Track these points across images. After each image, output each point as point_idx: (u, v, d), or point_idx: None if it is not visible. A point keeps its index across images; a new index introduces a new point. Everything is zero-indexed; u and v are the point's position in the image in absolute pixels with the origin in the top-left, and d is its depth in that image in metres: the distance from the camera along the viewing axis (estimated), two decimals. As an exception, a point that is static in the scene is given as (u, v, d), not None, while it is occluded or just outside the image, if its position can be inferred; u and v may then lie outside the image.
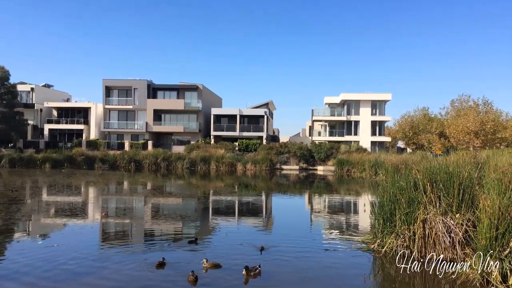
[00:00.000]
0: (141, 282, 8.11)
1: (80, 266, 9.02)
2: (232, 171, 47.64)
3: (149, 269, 8.94)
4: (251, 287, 8.03)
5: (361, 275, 8.98)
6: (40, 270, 8.68)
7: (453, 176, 9.75)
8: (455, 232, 9.28)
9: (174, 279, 8.34)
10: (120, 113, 63.86)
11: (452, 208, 9.56)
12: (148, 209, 18.99)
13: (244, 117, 64.21)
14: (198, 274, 8.45)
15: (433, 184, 9.93)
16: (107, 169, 47.55)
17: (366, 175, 42.56)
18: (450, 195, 9.67)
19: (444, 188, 9.74)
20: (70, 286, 7.84)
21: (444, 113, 61.58)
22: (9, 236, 12.36)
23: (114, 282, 8.07)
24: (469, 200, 9.56)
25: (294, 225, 15.40)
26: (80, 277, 8.31)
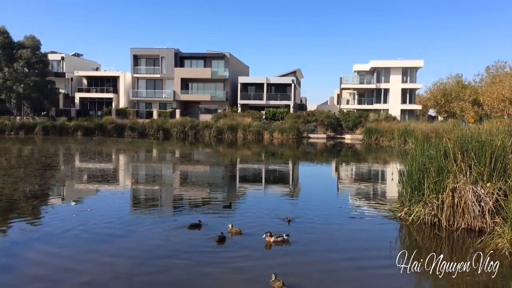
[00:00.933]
0: (172, 243, 8.36)
1: (113, 229, 9.34)
2: (259, 139, 47.76)
3: (179, 231, 9.19)
4: (277, 253, 8.16)
5: (387, 242, 8.99)
6: (74, 233, 9.04)
7: (485, 145, 9.49)
8: (485, 201, 9.11)
9: (204, 240, 8.56)
10: (148, 81, 64.39)
11: (483, 177, 9.35)
12: (176, 176, 19.36)
13: (271, 86, 63.75)
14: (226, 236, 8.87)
15: (464, 153, 9.71)
16: (136, 137, 48.43)
17: (394, 144, 41.97)
18: (481, 163, 9.45)
19: (475, 157, 9.51)
20: (104, 248, 8.14)
21: (479, 80, 59.57)
22: (45, 200, 12.87)
23: (146, 244, 8.33)
24: (501, 169, 9.33)
25: (321, 193, 15.44)
26: (114, 240, 8.63)
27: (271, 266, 7.15)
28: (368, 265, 7.57)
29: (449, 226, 9.59)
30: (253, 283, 6.46)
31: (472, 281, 7.01)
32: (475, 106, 54.68)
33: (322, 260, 7.76)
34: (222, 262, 7.44)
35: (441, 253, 8.50)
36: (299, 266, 7.37)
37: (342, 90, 68.77)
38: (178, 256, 7.69)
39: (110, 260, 7.42)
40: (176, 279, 6.71)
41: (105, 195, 13.97)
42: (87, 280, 6.55)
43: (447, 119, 53.84)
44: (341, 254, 8.17)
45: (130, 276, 6.72)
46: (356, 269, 7.37)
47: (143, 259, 7.51)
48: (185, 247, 8.22)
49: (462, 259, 8.15)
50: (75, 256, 7.63)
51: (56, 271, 6.93)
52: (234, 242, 8.68)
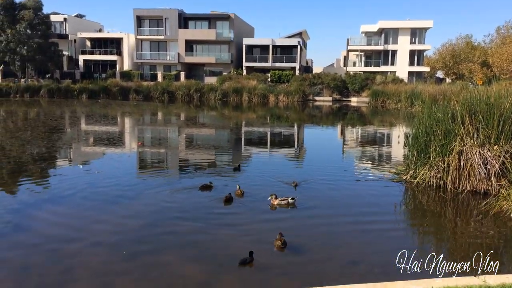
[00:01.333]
0: (180, 205, 8.48)
1: (121, 191, 9.46)
2: (264, 102, 47.55)
3: (185, 193, 9.30)
4: (282, 215, 8.26)
5: (392, 205, 9.07)
6: (83, 195, 9.17)
7: (494, 107, 9.39)
8: (491, 163, 9.10)
9: (211, 201, 8.68)
10: (152, 43, 63.57)
11: (490, 140, 9.31)
12: (182, 139, 19.43)
13: (277, 48, 62.77)
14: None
15: (472, 116, 9.62)
16: (141, 99, 48.32)
17: (401, 107, 41.65)
18: (489, 126, 9.38)
19: (483, 120, 9.43)
20: (113, 210, 8.28)
21: (489, 41, 58.24)
22: (53, 163, 13.01)
23: (154, 206, 8.45)
24: (509, 132, 9.27)
25: (326, 156, 15.48)
26: (122, 201, 8.75)
27: (276, 227, 7.25)
28: (372, 228, 7.66)
29: (454, 188, 9.63)
30: (258, 244, 6.57)
31: (475, 242, 7.09)
32: (484, 68, 53.67)
33: (326, 223, 7.86)
34: (228, 224, 7.56)
35: (445, 215, 8.59)
36: (303, 228, 7.47)
37: (348, 52, 67.61)
38: (186, 218, 7.81)
39: (119, 221, 7.56)
40: (183, 240, 6.82)
41: (112, 157, 14.10)
42: (97, 240, 6.69)
43: (455, 81, 53.08)
44: (346, 216, 8.26)
45: (138, 237, 6.85)
46: (361, 231, 7.45)
47: (151, 220, 7.64)
48: (192, 209, 8.34)
49: (466, 221, 8.23)
50: (85, 217, 7.77)
51: (67, 231, 7.08)
52: (241, 203, 8.80)
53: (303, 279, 5.53)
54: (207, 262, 5.98)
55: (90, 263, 5.86)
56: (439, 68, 64.02)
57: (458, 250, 6.85)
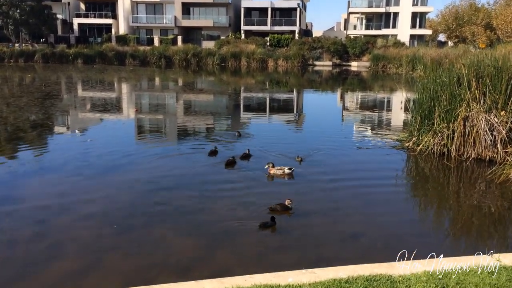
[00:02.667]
0: (178, 172, 8.20)
1: (115, 160, 9.15)
2: (263, 67, 46.75)
3: (183, 159, 9.02)
4: (283, 182, 8.00)
5: (394, 172, 8.81)
6: (74, 164, 8.86)
7: (502, 71, 8.98)
8: (498, 130, 8.77)
9: (211, 166, 8.43)
10: (147, 6, 61.98)
11: (497, 105, 8.94)
12: (180, 106, 19.03)
13: (276, 10, 61.26)
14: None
15: (478, 80, 9.21)
16: (138, 65, 47.47)
17: (402, 71, 40.99)
18: (496, 91, 8.99)
19: (490, 84, 9.03)
20: (105, 178, 8.01)
21: (493, 2, 56.74)
22: (45, 131, 12.64)
23: (152, 173, 8.17)
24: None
25: (326, 123, 15.13)
26: (115, 170, 8.46)
27: (277, 195, 6.99)
28: (374, 198, 7.42)
29: (458, 156, 9.33)
30: (256, 212, 6.33)
31: (480, 212, 6.86)
32: (487, 31, 52.55)
33: (326, 189, 7.60)
34: (227, 191, 7.30)
35: (450, 183, 8.34)
36: (303, 196, 7.19)
37: (349, 15, 66.08)
38: (182, 187, 7.55)
39: (111, 192, 7.27)
40: (177, 212, 6.55)
41: (107, 125, 13.75)
42: (88, 212, 6.41)
43: (457, 45, 52.07)
44: (346, 183, 7.99)
45: (131, 209, 6.57)
46: (363, 202, 7.19)
47: (145, 190, 7.35)
48: (189, 178, 8.07)
49: (471, 189, 7.99)
50: (76, 188, 7.48)
51: (56, 202, 6.80)
52: (243, 167, 8.54)
53: (302, 254, 5.30)
54: (202, 235, 5.74)
55: (79, 237, 5.59)
56: (442, 31, 62.74)
57: (462, 223, 6.61)
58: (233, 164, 8.82)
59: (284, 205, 6.53)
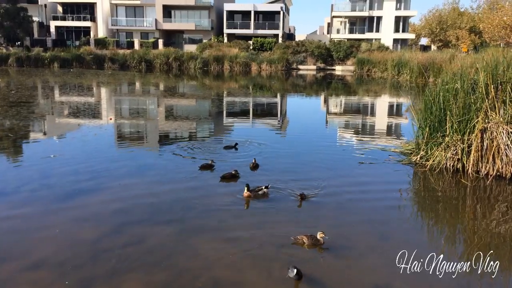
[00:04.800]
0: (159, 198, 6.92)
1: (78, 181, 7.78)
2: (247, 71, 45.64)
3: (166, 183, 7.75)
4: (287, 212, 6.79)
5: (404, 191, 7.72)
6: (34, 185, 7.48)
7: (525, 77, 7.96)
8: (521, 144, 7.74)
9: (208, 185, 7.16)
10: (127, 9, 60.38)
11: (520, 116, 7.92)
12: (161, 112, 17.73)
13: (259, 14, 60.31)
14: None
15: (497, 87, 8.17)
16: (117, 69, 45.82)
17: (388, 76, 40.31)
18: (518, 100, 7.96)
19: (511, 91, 8.00)
20: (62, 208, 6.67)
21: (476, 6, 56.90)
22: (8, 143, 11.17)
23: (122, 202, 6.88)
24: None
25: (320, 134, 13.96)
26: (77, 196, 7.11)
27: (284, 226, 5.80)
28: (388, 229, 6.27)
29: (475, 173, 8.27)
30: (260, 256, 5.13)
31: (499, 239, 5.76)
32: (471, 35, 52.45)
33: (333, 217, 6.42)
34: (219, 223, 6.05)
35: (465, 204, 7.26)
36: (307, 224, 6.00)
37: (333, 19, 65.57)
38: (162, 217, 6.25)
39: (67, 229, 5.85)
40: (157, 252, 5.23)
41: (77, 136, 12.27)
42: (41, 257, 4.94)
43: (442, 49, 51.76)
44: (355, 211, 6.82)
45: (93, 254, 5.26)
46: (376, 232, 6.04)
47: (113, 226, 6.00)
48: (172, 202, 6.78)
49: (489, 211, 6.93)
50: (28, 222, 6.01)
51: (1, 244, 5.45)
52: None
53: None
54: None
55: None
56: (425, 35, 62.63)
57: (480, 248, 5.49)
58: (206, 167, 8.41)
59: (315, 238, 5.32)
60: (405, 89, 28.84)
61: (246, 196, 6.94)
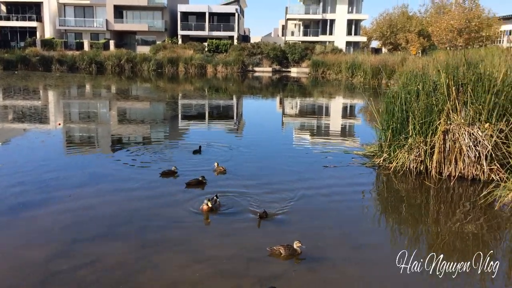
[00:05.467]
0: (110, 210, 6.40)
1: (23, 194, 7.12)
2: (202, 73, 45.03)
3: (118, 193, 7.22)
4: (249, 226, 6.45)
5: (368, 193, 7.62)
6: (1, 183, 6.78)
7: (484, 78, 8.02)
8: (483, 145, 7.78)
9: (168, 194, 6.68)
10: (76, 9, 58.14)
11: (481, 117, 7.96)
12: (114, 115, 16.96)
13: (214, 15, 59.78)
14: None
15: (458, 88, 8.20)
16: (66, 70, 43.93)
17: (342, 77, 40.93)
18: (479, 101, 8.00)
19: (472, 93, 8.03)
20: (18, 221, 6.03)
21: (424, 10, 59.04)
22: None
23: (72, 215, 6.31)
24: (502, 107, 7.93)
25: (279, 137, 13.76)
26: (22, 211, 6.48)
27: (253, 239, 5.46)
28: (353, 228, 6.09)
29: (438, 174, 8.27)
30: (229, 271, 4.77)
31: (462, 239, 5.71)
32: (420, 38, 54.30)
33: (302, 225, 6.15)
34: (182, 237, 5.63)
35: (428, 206, 7.21)
36: (276, 234, 5.69)
37: (287, 21, 66.04)
38: (118, 232, 5.75)
39: (9, 250, 5.32)
40: (113, 273, 4.76)
41: (23, 143, 11.41)
42: None
43: (392, 51, 53.25)
44: (330, 229, 6.60)
45: (44, 272, 4.71)
46: (344, 235, 5.84)
47: (67, 240, 5.41)
48: (130, 214, 6.29)
49: (452, 212, 6.92)
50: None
51: None
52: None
53: None
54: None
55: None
56: (377, 38, 64.29)
57: (442, 249, 5.40)
58: (200, 184, 7.53)
59: (292, 248, 5.04)
60: (359, 90, 29.29)
61: (207, 210, 6.29)
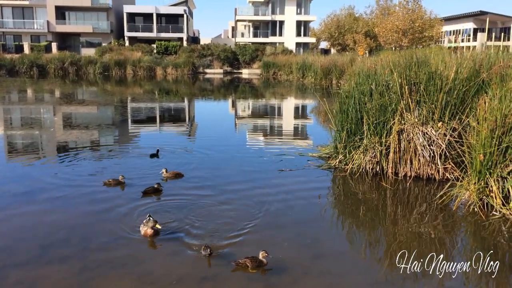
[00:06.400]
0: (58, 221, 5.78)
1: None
2: (151, 75, 43.91)
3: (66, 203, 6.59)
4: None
5: (324, 196, 7.41)
6: None
7: (436, 77, 8.01)
8: (437, 144, 7.77)
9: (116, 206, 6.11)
10: (14, 10, 55.19)
11: (434, 116, 7.95)
12: (58, 121, 15.99)
13: (162, 16, 58.59)
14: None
15: (411, 87, 8.15)
16: (5, 75, 41.43)
17: (293, 78, 41.15)
18: (431, 100, 7.97)
19: (424, 92, 8.00)
20: None
21: (369, 12, 60.62)
22: None
23: (23, 225, 5.65)
24: (453, 106, 7.95)
25: (233, 141, 13.38)
26: None
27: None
28: (305, 229, 5.83)
29: (394, 175, 8.19)
30: None
31: (420, 240, 5.60)
32: (367, 38, 55.67)
33: (261, 235, 5.82)
34: (127, 258, 5.12)
35: (385, 207, 7.09)
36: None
37: (237, 22, 65.83)
38: (61, 252, 5.19)
39: None
40: None
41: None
42: None
43: (340, 52, 54.29)
44: (289, 238, 6.29)
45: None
46: (303, 239, 5.56)
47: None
48: (68, 231, 5.70)
49: (409, 212, 6.83)
50: None
51: None
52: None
53: None
54: None
55: None
56: (325, 39, 65.35)
57: (401, 248, 5.26)
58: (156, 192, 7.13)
59: (258, 260, 4.77)
60: (311, 91, 29.48)
61: (151, 235, 5.47)
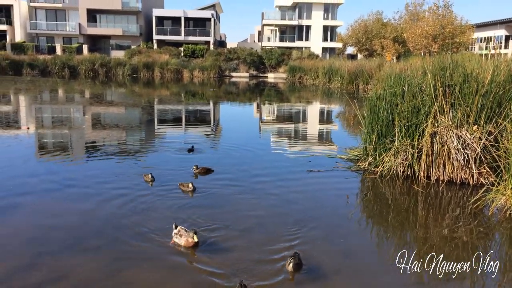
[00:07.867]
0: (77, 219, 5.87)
1: (9, 181, 6.54)
2: (178, 78, 44.40)
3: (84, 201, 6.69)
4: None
5: (354, 199, 7.29)
6: None
7: (472, 79, 7.81)
8: (472, 148, 7.56)
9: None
10: (48, 12, 56.72)
11: (469, 119, 7.74)
12: (88, 119, 16.28)
13: (189, 20, 59.27)
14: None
15: (445, 90, 7.97)
16: (37, 75, 42.63)
17: (319, 83, 40.95)
18: (467, 103, 7.78)
19: (460, 94, 7.81)
20: (6, 204, 5.45)
21: (398, 17, 59.88)
22: None
23: (35, 226, 5.76)
24: (489, 109, 7.72)
25: (264, 143, 13.36)
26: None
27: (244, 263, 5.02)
28: (336, 230, 5.73)
29: (426, 178, 8.00)
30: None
31: (451, 246, 5.42)
32: (395, 44, 54.99)
33: (295, 234, 5.76)
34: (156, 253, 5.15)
35: (416, 211, 6.91)
36: (269, 243, 5.28)
37: (263, 27, 66.02)
38: (88, 244, 5.25)
39: None
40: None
41: (6, 141, 10.75)
42: None
43: (368, 57, 53.74)
44: (312, 221, 6.22)
45: None
46: (326, 237, 5.47)
47: (29, 254, 4.94)
48: (100, 225, 5.78)
49: (441, 217, 6.64)
50: None
51: None
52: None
53: None
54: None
55: None
56: (352, 44, 64.83)
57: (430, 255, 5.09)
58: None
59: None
60: (337, 95, 29.27)
61: (192, 244, 5.07)
